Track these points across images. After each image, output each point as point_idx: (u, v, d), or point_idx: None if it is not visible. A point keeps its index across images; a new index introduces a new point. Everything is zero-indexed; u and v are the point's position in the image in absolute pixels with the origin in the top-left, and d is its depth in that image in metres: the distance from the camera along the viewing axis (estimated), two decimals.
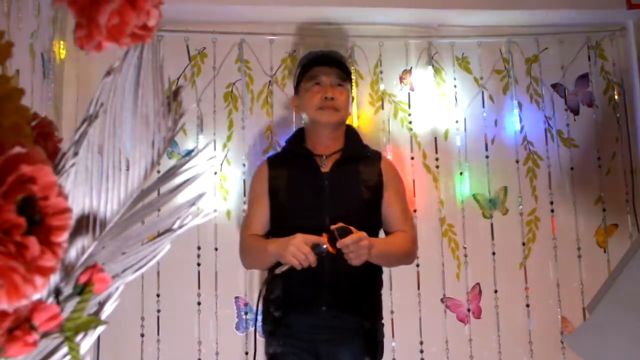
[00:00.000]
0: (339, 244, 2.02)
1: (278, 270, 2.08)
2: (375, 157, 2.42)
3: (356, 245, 2.03)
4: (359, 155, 2.39)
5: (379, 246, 2.16)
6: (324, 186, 2.28)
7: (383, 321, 2.37)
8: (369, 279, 2.27)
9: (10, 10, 1.63)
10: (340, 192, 2.27)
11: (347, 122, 2.51)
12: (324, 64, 2.38)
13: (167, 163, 0.65)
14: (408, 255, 2.36)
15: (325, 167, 2.33)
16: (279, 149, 2.78)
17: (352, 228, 2.06)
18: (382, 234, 2.40)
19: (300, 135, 2.47)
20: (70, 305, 0.59)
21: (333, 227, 2.05)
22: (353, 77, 2.87)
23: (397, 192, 2.38)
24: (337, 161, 2.34)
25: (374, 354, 2.26)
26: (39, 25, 2.16)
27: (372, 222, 2.27)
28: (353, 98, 2.77)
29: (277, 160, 2.45)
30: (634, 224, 3.00)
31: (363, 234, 2.06)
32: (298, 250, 2.02)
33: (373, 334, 2.27)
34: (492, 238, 2.98)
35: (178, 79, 2.93)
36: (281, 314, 2.20)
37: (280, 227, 2.26)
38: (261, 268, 2.42)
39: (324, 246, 2.03)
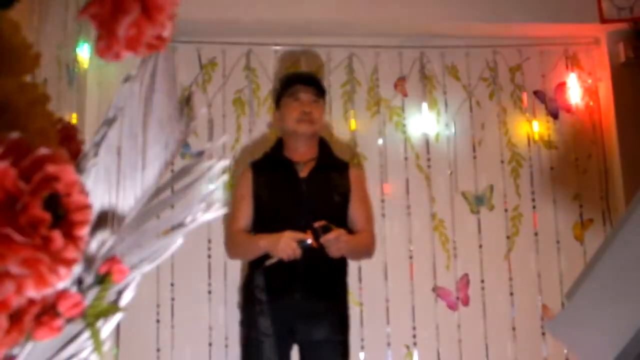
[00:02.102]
0: (323, 240, 2.16)
1: (268, 263, 2.22)
2: (344, 167, 2.56)
3: (337, 240, 2.20)
4: (331, 164, 2.53)
5: (353, 242, 2.33)
6: (302, 189, 2.41)
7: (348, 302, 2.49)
8: (336, 269, 2.40)
9: (39, 24, 1.64)
10: (316, 195, 2.41)
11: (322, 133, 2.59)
12: (303, 83, 2.49)
13: (180, 163, 0.65)
14: (370, 251, 2.51)
15: (303, 173, 2.46)
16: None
17: (332, 225, 2.22)
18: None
19: (280, 145, 2.57)
20: (91, 294, 0.59)
21: (316, 224, 2.18)
22: (351, 84, 2.93)
23: (361, 198, 2.53)
24: (313, 168, 2.46)
25: (344, 330, 2.39)
26: (65, 38, 2.16)
27: (340, 221, 2.37)
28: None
29: (260, 166, 2.55)
30: (607, 219, 3.00)
31: (342, 231, 2.24)
32: (287, 246, 2.17)
33: (342, 314, 2.41)
34: (479, 232, 2.98)
35: (190, 85, 2.93)
36: (262, 299, 2.31)
37: (264, 224, 2.39)
38: (247, 259, 2.50)
39: (309, 241, 2.17)
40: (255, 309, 2.33)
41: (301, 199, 2.38)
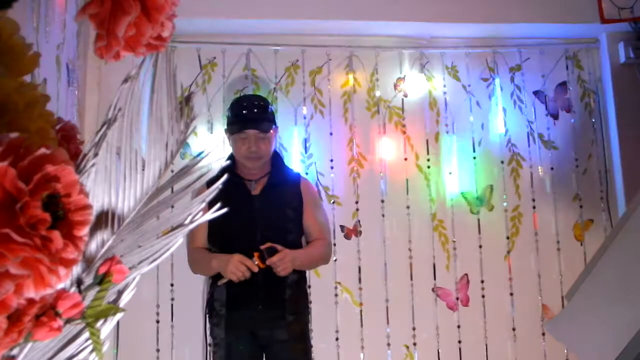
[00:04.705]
0: (268, 262, 2.32)
1: (220, 283, 2.38)
2: (295, 179, 2.60)
3: (281, 261, 2.32)
4: (282, 178, 2.56)
5: (301, 257, 2.43)
6: (255, 207, 2.47)
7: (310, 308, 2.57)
8: (294, 281, 2.46)
9: (39, 25, 1.64)
10: (269, 212, 2.47)
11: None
12: (249, 128, 2.45)
13: (180, 163, 0.65)
14: (325, 258, 2.58)
15: (255, 190, 2.51)
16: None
17: (278, 246, 2.33)
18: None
19: (233, 162, 2.55)
20: (91, 294, 0.59)
21: (262, 247, 2.32)
22: (350, 85, 2.96)
23: (314, 207, 2.58)
24: (265, 186, 2.51)
25: (303, 335, 2.46)
26: (65, 38, 2.16)
27: (294, 235, 2.50)
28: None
29: (214, 184, 2.52)
30: (607, 219, 3.00)
31: (286, 251, 2.35)
32: (236, 268, 2.30)
33: (300, 321, 2.46)
34: (479, 232, 2.98)
35: (190, 86, 2.92)
36: (225, 311, 2.42)
37: (219, 242, 2.45)
38: (206, 275, 2.60)
39: (256, 263, 2.31)
40: (213, 321, 2.46)
41: (254, 216, 2.44)
